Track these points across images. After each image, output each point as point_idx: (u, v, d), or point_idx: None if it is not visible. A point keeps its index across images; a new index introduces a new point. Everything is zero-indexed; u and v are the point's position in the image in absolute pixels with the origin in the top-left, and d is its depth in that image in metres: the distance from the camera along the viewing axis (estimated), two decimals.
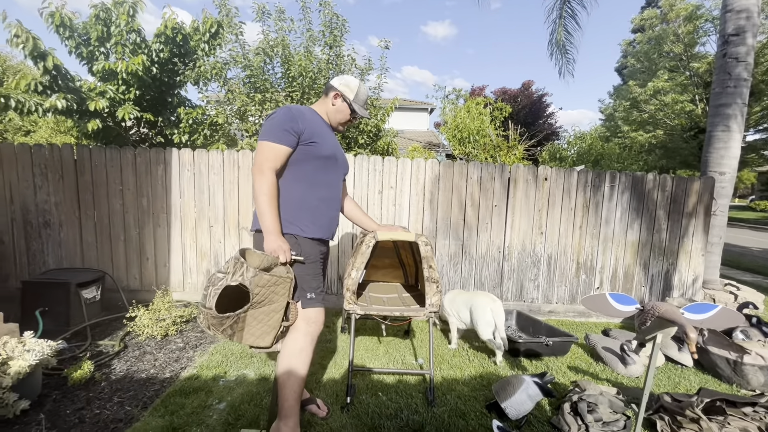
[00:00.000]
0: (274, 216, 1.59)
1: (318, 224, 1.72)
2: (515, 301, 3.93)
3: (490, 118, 8.49)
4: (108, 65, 4.42)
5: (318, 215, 1.72)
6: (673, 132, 12.65)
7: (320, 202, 1.73)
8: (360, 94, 1.83)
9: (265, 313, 1.50)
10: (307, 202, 1.70)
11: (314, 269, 1.72)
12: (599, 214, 3.89)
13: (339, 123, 1.87)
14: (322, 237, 1.75)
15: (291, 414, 1.61)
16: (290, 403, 1.61)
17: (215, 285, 1.45)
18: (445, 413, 2.04)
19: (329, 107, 1.83)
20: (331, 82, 1.85)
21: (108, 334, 3.01)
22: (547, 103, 21.21)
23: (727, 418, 1.87)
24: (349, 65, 5.22)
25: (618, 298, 1.51)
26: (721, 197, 4.41)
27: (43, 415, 1.91)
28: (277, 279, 1.50)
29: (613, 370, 2.74)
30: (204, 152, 3.68)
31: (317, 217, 1.72)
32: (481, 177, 3.79)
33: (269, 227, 1.58)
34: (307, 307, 1.67)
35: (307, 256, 1.69)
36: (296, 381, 1.62)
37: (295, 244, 1.67)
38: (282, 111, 1.67)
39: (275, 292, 1.51)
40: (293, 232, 1.67)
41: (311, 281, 1.69)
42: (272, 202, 1.59)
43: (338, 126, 1.89)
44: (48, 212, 3.65)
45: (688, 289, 4.04)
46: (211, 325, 1.47)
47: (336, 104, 1.82)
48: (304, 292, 1.68)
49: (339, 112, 1.82)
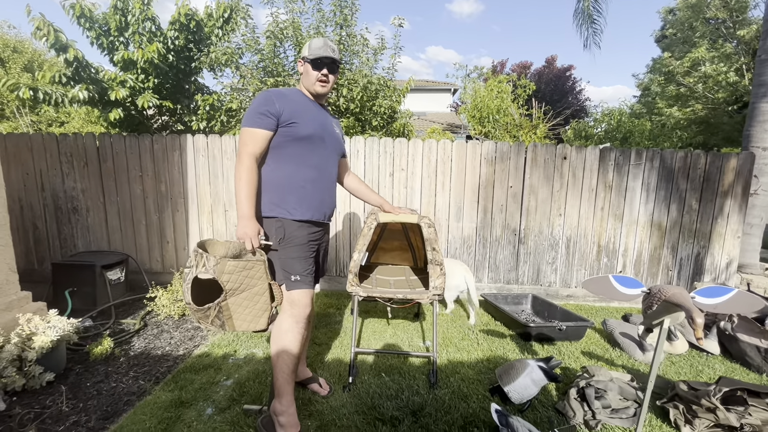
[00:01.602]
0: (249, 202, 1.59)
1: (306, 206, 1.69)
2: (531, 285, 3.82)
3: (513, 97, 8.14)
4: (127, 54, 4.53)
5: (305, 197, 1.69)
6: (715, 106, 11.69)
7: (307, 183, 1.70)
8: (312, 46, 1.71)
9: (247, 298, 1.51)
10: (293, 184, 1.67)
11: (300, 252, 1.69)
12: (623, 194, 3.68)
13: (314, 87, 1.74)
14: (311, 219, 1.72)
15: (283, 392, 1.64)
16: (281, 382, 1.63)
17: (185, 281, 1.47)
18: (447, 395, 2.03)
19: (303, 79, 1.78)
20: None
21: (131, 313, 3.17)
22: (574, 79, 20.17)
23: (748, 408, 1.75)
24: (361, 45, 5.10)
25: (622, 280, 1.42)
26: (764, 175, 4.07)
27: (64, 387, 2.04)
28: (245, 263, 1.49)
29: (630, 356, 2.62)
30: (217, 137, 3.74)
31: (305, 199, 1.69)
32: (495, 157, 3.66)
33: (242, 212, 1.59)
34: (291, 289, 1.66)
35: (292, 238, 1.67)
36: (285, 361, 1.63)
37: (280, 228, 1.66)
38: (260, 95, 1.67)
39: (250, 276, 1.50)
40: (279, 215, 1.66)
41: (295, 264, 1.67)
42: (248, 187, 1.58)
43: (318, 91, 1.75)
44: (75, 198, 3.84)
45: (721, 274, 3.79)
46: (198, 319, 1.49)
47: (302, 70, 1.77)
48: (288, 274, 1.66)
49: (306, 75, 1.75)
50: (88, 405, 1.91)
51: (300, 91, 1.78)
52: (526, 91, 8.25)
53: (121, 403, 1.92)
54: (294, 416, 1.64)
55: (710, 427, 1.75)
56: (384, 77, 5.12)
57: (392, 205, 2.27)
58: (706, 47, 11.56)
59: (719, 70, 10.96)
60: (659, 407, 1.93)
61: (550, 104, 11.59)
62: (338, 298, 3.65)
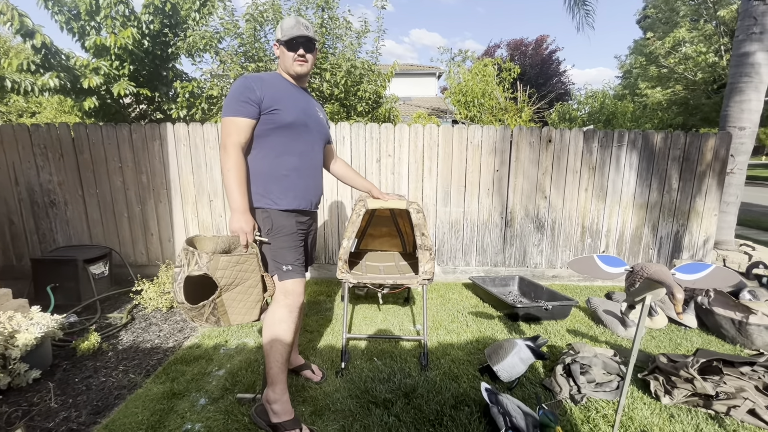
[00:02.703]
0: (241, 194, 1.55)
1: (291, 195, 1.66)
2: (518, 267, 3.89)
3: (498, 80, 8.12)
4: (99, 40, 4.34)
5: (290, 186, 1.66)
6: (694, 87, 11.91)
7: (291, 171, 1.66)
8: (284, 27, 1.65)
9: (241, 291, 1.50)
10: (275, 173, 1.64)
11: (289, 241, 1.67)
12: (606, 175, 3.74)
13: (293, 69, 1.69)
14: (297, 208, 1.69)
15: (277, 381, 1.64)
16: (275, 371, 1.64)
17: (177, 280, 1.44)
18: (438, 376, 2.07)
19: (281, 63, 1.73)
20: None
21: (117, 307, 3.12)
22: (558, 61, 20.23)
23: (723, 377, 1.84)
24: (344, 28, 4.99)
25: (606, 259, 1.46)
26: (740, 154, 4.19)
27: (51, 383, 2.01)
28: (238, 258, 1.47)
29: (613, 332, 2.72)
30: (198, 126, 3.64)
31: (289, 188, 1.66)
32: (481, 141, 3.67)
33: (235, 205, 1.55)
34: (284, 279, 1.65)
35: (280, 228, 1.65)
36: (279, 350, 1.63)
37: (267, 219, 1.64)
38: (238, 82, 1.60)
39: (244, 270, 1.48)
40: (265, 206, 1.63)
41: (286, 254, 1.66)
42: (238, 179, 1.54)
43: (297, 73, 1.71)
44: (52, 192, 3.71)
45: (698, 251, 3.93)
46: (192, 317, 1.47)
47: (279, 53, 1.71)
48: (280, 264, 1.65)
49: (284, 59, 1.69)
50: (78, 400, 1.89)
51: (280, 75, 1.73)
52: (511, 74, 8.23)
53: (111, 397, 1.91)
54: (288, 403, 1.66)
55: (688, 396, 1.83)
56: (368, 61, 5.04)
57: (380, 191, 2.25)
58: (687, 28, 11.70)
59: (699, 51, 11.13)
60: (641, 380, 2.02)
61: (535, 88, 11.63)
62: (328, 285, 3.66)
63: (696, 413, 1.78)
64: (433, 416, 1.74)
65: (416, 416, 1.74)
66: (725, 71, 10.73)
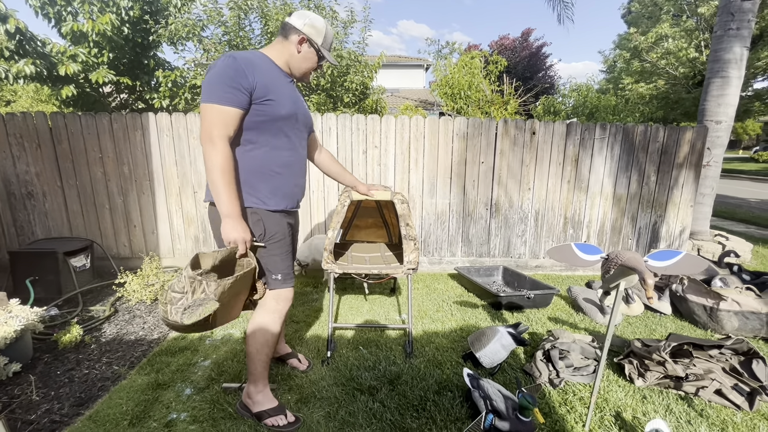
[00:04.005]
0: (232, 195, 1.37)
1: (281, 194, 1.54)
2: (503, 257, 3.97)
3: (485, 73, 8.17)
4: (77, 26, 4.21)
5: (280, 185, 1.53)
6: (675, 82, 12.19)
7: (282, 168, 1.53)
8: (328, 36, 1.56)
9: (234, 300, 1.45)
10: (266, 170, 1.49)
11: (282, 248, 1.59)
12: (588, 167, 3.82)
13: (304, 73, 1.59)
14: (286, 208, 1.58)
15: (260, 378, 1.64)
16: (259, 371, 1.63)
17: (174, 304, 1.28)
18: (422, 363, 2.12)
19: (292, 54, 1.53)
20: (292, 23, 1.51)
21: (100, 300, 3.08)
22: (546, 54, 20.38)
23: (693, 360, 1.92)
24: (330, 18, 4.94)
25: (583, 248, 1.51)
26: (716, 147, 4.33)
27: (33, 376, 1.99)
28: (243, 274, 1.40)
29: (592, 319, 2.80)
30: (182, 116, 3.58)
31: (279, 186, 1.53)
32: (467, 133, 3.70)
33: (227, 210, 1.37)
34: (274, 288, 1.61)
35: (273, 234, 1.54)
36: (265, 352, 1.62)
37: (258, 222, 1.51)
38: (224, 61, 1.35)
39: (241, 284, 1.43)
40: (253, 205, 1.49)
41: (279, 263, 1.58)
42: (228, 177, 1.35)
43: (302, 76, 1.62)
44: (30, 183, 3.61)
45: (675, 240, 4.06)
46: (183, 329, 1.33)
47: (302, 51, 1.53)
48: (271, 272, 1.58)
49: (306, 60, 1.54)
50: (60, 393, 1.87)
51: (269, 59, 1.51)
52: (498, 67, 8.28)
53: (95, 389, 1.90)
54: (269, 394, 1.67)
55: (660, 379, 1.92)
56: (355, 52, 5.01)
57: (366, 185, 2.18)
58: (670, 23, 11.91)
59: (680, 46, 11.35)
60: (616, 364, 2.10)
61: (522, 81, 11.71)
62: (314, 276, 3.67)
63: (667, 394, 1.86)
64: (416, 401, 1.79)
65: (400, 402, 1.78)
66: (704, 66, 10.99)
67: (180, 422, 1.65)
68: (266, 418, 1.60)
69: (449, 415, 1.70)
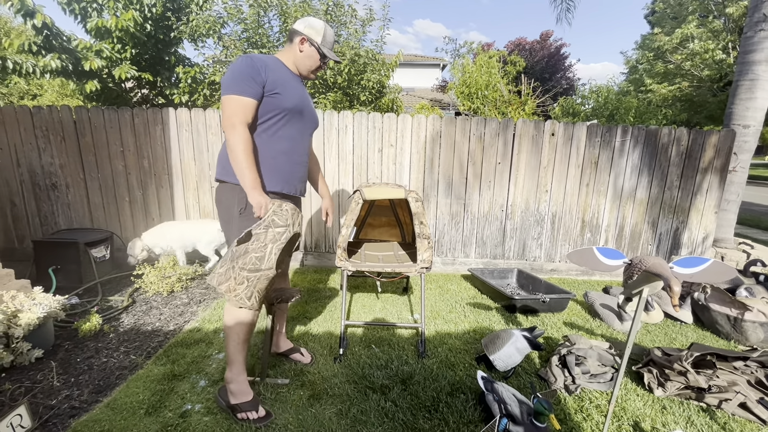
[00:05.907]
0: (254, 172, 1.55)
1: (276, 178, 1.68)
2: (517, 259, 3.91)
3: (502, 73, 8.06)
4: (101, 22, 4.30)
5: (276, 168, 1.68)
6: (700, 84, 11.81)
7: (279, 155, 1.68)
8: (327, 36, 1.73)
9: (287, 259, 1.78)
10: (265, 154, 1.64)
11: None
12: (608, 170, 3.74)
13: (309, 70, 1.77)
14: (281, 191, 1.71)
15: (234, 360, 1.69)
16: (231, 350, 1.68)
17: (278, 240, 1.59)
18: (435, 364, 2.10)
19: (296, 54, 1.73)
20: (295, 27, 1.74)
21: (118, 290, 3.14)
22: (565, 55, 20.02)
23: (716, 371, 1.86)
24: (349, 15, 4.94)
25: (606, 252, 1.47)
26: (743, 152, 4.18)
27: (54, 362, 2.04)
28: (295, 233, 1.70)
29: (609, 326, 2.74)
30: (201, 112, 3.63)
31: (275, 170, 1.67)
32: (483, 133, 3.66)
33: (251, 183, 1.54)
34: None
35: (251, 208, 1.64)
36: (237, 331, 1.65)
37: (243, 198, 1.62)
38: (243, 61, 1.57)
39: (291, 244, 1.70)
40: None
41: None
42: (249, 156, 1.54)
43: (309, 74, 1.79)
44: (54, 174, 3.71)
45: (697, 247, 3.94)
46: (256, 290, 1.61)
47: (304, 50, 1.72)
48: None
49: (309, 58, 1.73)
50: (80, 379, 1.92)
51: (281, 62, 1.72)
52: (516, 67, 8.17)
53: (113, 377, 1.94)
54: (245, 383, 1.69)
55: (681, 389, 1.86)
56: (372, 50, 5.00)
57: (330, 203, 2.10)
58: (696, 24, 11.56)
59: (706, 47, 11.01)
60: (635, 372, 2.04)
61: (540, 82, 11.53)
62: (327, 273, 3.68)
63: (688, 405, 1.81)
64: (429, 402, 1.77)
65: (413, 402, 1.77)
66: (732, 68, 10.64)
67: (194, 413, 1.67)
68: (238, 412, 1.63)
69: (462, 417, 1.68)
